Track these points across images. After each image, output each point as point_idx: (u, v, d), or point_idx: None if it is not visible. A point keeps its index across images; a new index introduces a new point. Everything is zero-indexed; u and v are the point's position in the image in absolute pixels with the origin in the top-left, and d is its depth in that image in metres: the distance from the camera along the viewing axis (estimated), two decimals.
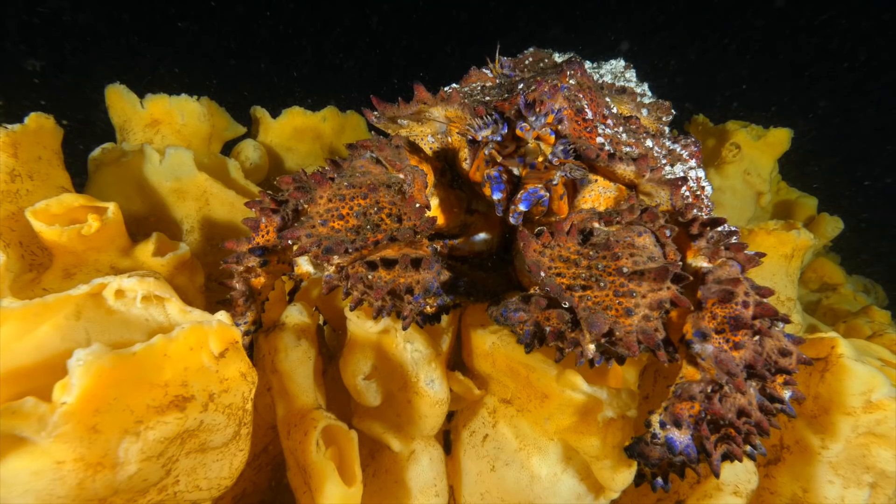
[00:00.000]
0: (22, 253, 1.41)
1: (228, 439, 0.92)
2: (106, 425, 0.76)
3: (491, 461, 1.09)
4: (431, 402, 1.07)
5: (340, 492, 1.01)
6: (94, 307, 1.05)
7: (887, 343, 2.18)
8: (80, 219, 1.38)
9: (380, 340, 1.09)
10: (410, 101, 1.26)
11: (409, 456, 1.10)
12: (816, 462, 1.31)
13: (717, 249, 1.00)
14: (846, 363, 1.30)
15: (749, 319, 0.94)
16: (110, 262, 1.41)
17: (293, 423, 1.13)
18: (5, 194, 1.36)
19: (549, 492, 1.04)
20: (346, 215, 1.02)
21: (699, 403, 0.95)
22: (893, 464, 1.27)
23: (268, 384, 1.21)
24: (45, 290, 1.35)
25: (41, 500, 0.76)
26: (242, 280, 1.19)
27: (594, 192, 1.12)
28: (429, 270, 0.99)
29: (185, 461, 0.88)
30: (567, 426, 1.03)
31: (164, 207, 1.72)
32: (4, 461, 0.74)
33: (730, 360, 0.92)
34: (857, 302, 3.24)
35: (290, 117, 2.09)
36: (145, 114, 1.90)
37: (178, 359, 0.84)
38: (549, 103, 1.07)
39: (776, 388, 1.04)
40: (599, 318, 0.88)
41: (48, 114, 1.49)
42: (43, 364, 1.02)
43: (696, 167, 1.32)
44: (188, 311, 1.04)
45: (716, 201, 2.81)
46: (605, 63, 2.21)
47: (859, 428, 1.28)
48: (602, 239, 0.96)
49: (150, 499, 0.88)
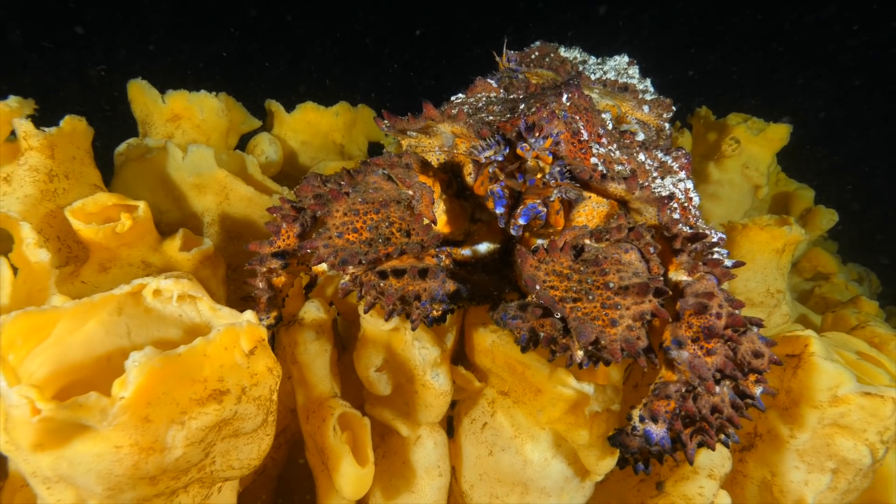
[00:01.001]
0: (59, 247, 1.53)
1: (257, 426, 1.05)
2: (156, 416, 0.89)
3: (489, 446, 1.22)
4: (436, 393, 1.20)
5: (355, 472, 1.14)
6: (134, 304, 1.17)
7: (868, 335, 2.28)
8: (114, 216, 1.50)
9: (390, 338, 1.21)
10: (419, 116, 1.35)
11: (416, 440, 1.23)
12: (785, 449, 1.44)
13: (696, 264, 1.11)
14: (816, 361, 1.42)
15: (721, 329, 1.05)
16: (141, 256, 1.53)
17: (312, 409, 1.26)
18: (44, 193, 1.47)
19: (541, 475, 1.17)
20: (360, 228, 1.13)
21: (675, 402, 1.07)
22: (854, 452, 1.40)
23: (288, 373, 1.34)
24: (83, 283, 1.48)
25: (102, 477, 0.89)
26: (265, 279, 1.31)
27: (588, 207, 1.22)
28: (435, 280, 1.10)
29: (220, 445, 1.01)
30: (557, 417, 1.15)
31: (185, 201, 1.83)
32: (72, 444, 0.87)
33: (702, 365, 1.04)
34: (848, 291, 3.34)
35: (303, 112, 2.17)
36: (166, 109, 1.99)
37: (215, 358, 0.96)
38: (548, 127, 1.16)
39: (748, 385, 1.16)
40: (587, 327, 0.99)
41: (77, 115, 1.60)
42: (90, 355, 1.15)
43: (685, 178, 1.41)
44: (217, 308, 1.16)
45: (714, 194, 2.90)
46: (609, 59, 2.28)
47: (825, 420, 1.40)
48: (592, 255, 1.07)
49: (191, 476, 1.01)
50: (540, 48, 2.39)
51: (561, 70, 2.20)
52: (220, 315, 1.15)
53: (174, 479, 0.97)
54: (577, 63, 2.27)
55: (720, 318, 1.06)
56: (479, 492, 1.23)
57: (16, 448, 0.88)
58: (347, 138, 2.25)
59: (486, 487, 1.22)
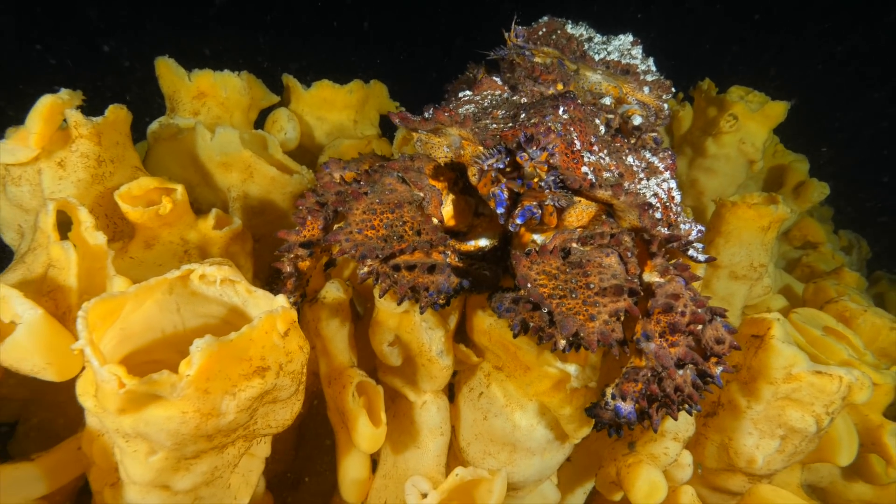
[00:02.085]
0: (108, 224, 1.71)
1: (291, 394, 1.26)
2: (214, 389, 1.10)
3: (484, 412, 1.43)
4: (440, 367, 1.40)
5: (370, 431, 1.36)
6: (182, 286, 1.36)
7: (840, 309, 2.48)
8: (155, 198, 1.67)
9: (401, 319, 1.41)
10: (430, 118, 1.49)
11: (422, 405, 1.45)
12: (742, 418, 1.66)
13: (668, 268, 1.29)
14: (775, 343, 1.61)
15: (684, 326, 1.23)
16: (180, 233, 1.71)
17: (333, 377, 1.48)
18: (94, 177, 1.64)
19: (527, 437, 1.39)
20: (377, 226, 1.30)
21: (642, 384, 1.27)
22: (801, 422, 1.62)
23: (312, 343, 1.55)
24: (131, 258, 1.67)
25: (170, 435, 1.11)
26: (292, 263, 1.49)
27: (578, 209, 1.38)
28: (441, 274, 1.28)
29: (262, 410, 1.23)
30: (543, 391, 1.36)
31: (213, 177, 1.99)
32: (148, 410, 1.08)
33: (666, 355, 1.23)
34: (833, 261, 3.51)
35: (319, 89, 2.29)
36: (192, 87, 2.12)
37: (258, 341, 1.15)
38: (544, 140, 1.31)
39: (710, 366, 1.35)
40: (570, 321, 1.18)
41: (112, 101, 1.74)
42: (148, 327, 1.35)
43: (668, 178, 1.56)
44: (252, 290, 1.35)
45: (710, 168, 3.03)
46: (614, 39, 2.36)
47: (778, 394, 1.61)
48: (577, 258, 1.24)
49: (238, 434, 1.23)
50: (547, 24, 2.47)
51: (566, 49, 2.29)
52: (255, 296, 1.34)
53: (225, 436, 1.19)
54: (583, 41, 2.36)
55: (684, 315, 1.24)
56: (475, 449, 1.45)
57: (104, 411, 1.09)
58: (360, 114, 2.38)
59: (481, 446, 1.45)
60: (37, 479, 1.38)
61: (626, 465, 1.58)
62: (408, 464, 1.44)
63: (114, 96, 2.20)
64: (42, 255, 1.46)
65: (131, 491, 1.22)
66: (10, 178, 1.61)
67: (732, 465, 1.69)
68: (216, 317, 1.41)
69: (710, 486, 1.80)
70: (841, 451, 1.85)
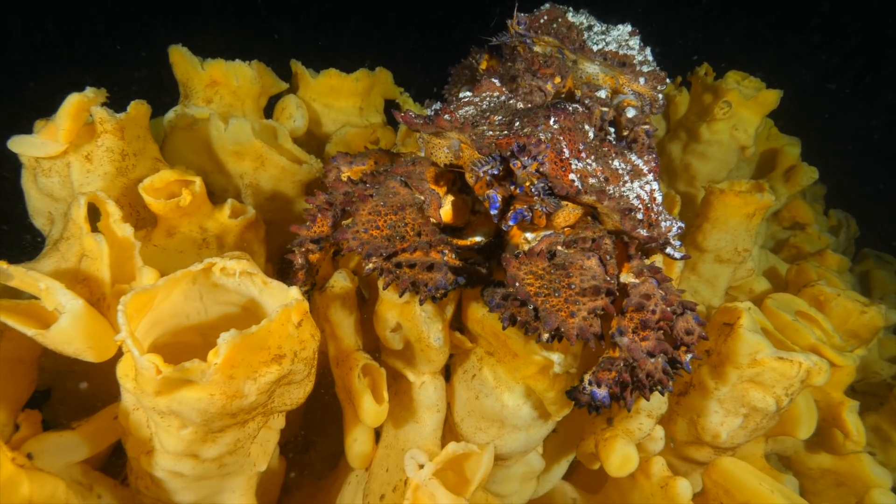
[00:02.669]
0: (131, 212, 1.84)
1: (304, 377, 1.42)
2: (238, 374, 1.25)
3: (476, 392, 1.60)
4: (437, 352, 1.56)
5: (374, 408, 1.53)
6: (205, 277, 1.50)
7: (815, 293, 2.63)
8: (175, 190, 1.80)
9: (403, 308, 1.56)
10: (431, 122, 1.60)
11: (421, 384, 1.61)
12: (710, 398, 1.83)
13: (642, 270, 1.43)
14: (742, 332, 1.76)
15: (654, 323, 1.38)
16: (198, 223, 1.85)
17: (341, 358, 1.64)
18: (119, 170, 1.76)
19: (514, 415, 1.56)
20: (381, 226, 1.44)
21: (615, 373, 1.42)
22: (763, 402, 1.78)
23: (321, 327, 1.70)
24: (154, 246, 1.81)
25: (200, 413, 1.27)
26: (303, 256, 1.63)
27: (566, 212, 1.51)
28: (439, 272, 1.42)
29: (278, 391, 1.39)
30: (529, 375, 1.52)
31: (226, 165, 2.12)
32: (180, 392, 1.24)
33: (637, 348, 1.38)
34: (819, 242, 3.64)
35: (327, 78, 2.38)
36: (205, 75, 2.21)
37: (275, 332, 1.30)
38: (535, 150, 1.43)
39: (680, 354, 1.51)
40: (552, 317, 1.33)
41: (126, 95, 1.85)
42: (174, 314, 1.50)
43: (651, 181, 1.68)
44: (268, 282, 1.49)
45: (703, 153, 3.13)
46: (613, 29, 2.44)
47: (743, 377, 1.77)
48: (561, 261, 1.38)
49: (258, 411, 1.40)
50: (549, 11, 2.54)
51: (566, 40, 2.37)
52: (270, 287, 1.48)
53: (247, 413, 1.36)
54: (583, 30, 2.44)
55: (654, 313, 1.39)
56: (468, 424, 1.63)
57: (142, 392, 1.25)
58: (366, 101, 2.47)
59: (473, 421, 1.62)
60: (78, 445, 1.55)
61: (603, 439, 1.76)
62: (407, 436, 1.61)
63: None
64: (75, 244, 1.60)
65: (165, 459, 1.40)
66: (40, 169, 1.74)
67: (700, 439, 1.87)
68: (235, 304, 1.56)
69: (681, 457, 1.99)
70: (801, 426, 2.03)
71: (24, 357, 1.61)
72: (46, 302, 1.39)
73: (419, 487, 1.35)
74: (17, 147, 1.67)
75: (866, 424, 2.79)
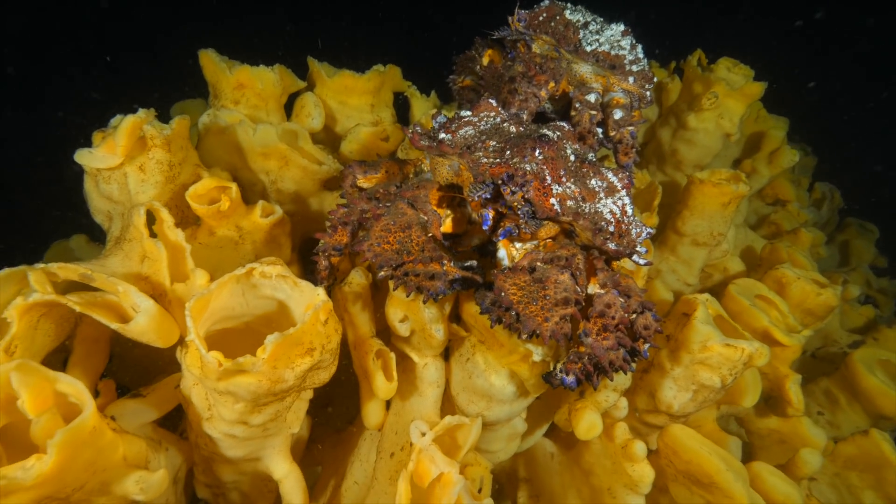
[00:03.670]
0: (177, 213, 2.14)
1: (329, 363, 1.76)
2: (279, 365, 1.59)
3: (469, 373, 1.95)
4: (437, 339, 1.90)
5: (385, 385, 1.89)
6: (247, 279, 1.82)
7: (778, 276, 2.93)
8: (215, 195, 2.09)
9: (409, 304, 1.88)
10: (436, 146, 1.87)
11: (424, 365, 1.96)
12: (666, 376, 2.17)
13: (606, 283, 1.73)
14: (695, 324, 2.08)
15: (613, 327, 1.70)
16: (235, 222, 2.15)
17: (358, 343, 1.98)
18: (167, 178, 2.05)
19: (500, 393, 1.91)
20: (391, 241, 1.74)
21: (581, 364, 1.76)
22: (710, 381, 2.12)
23: (340, 316, 2.04)
24: (199, 244, 2.12)
25: (250, 392, 1.62)
26: (326, 259, 1.95)
27: (547, 227, 1.80)
28: (440, 280, 1.73)
29: (310, 374, 1.74)
30: (513, 362, 1.86)
31: (254, 163, 2.40)
32: (235, 378, 1.58)
33: (599, 347, 1.71)
34: (798, 218, 3.91)
35: (342, 78, 2.61)
36: (233, 79, 2.46)
37: (308, 330, 1.63)
38: (521, 180, 1.71)
39: (639, 345, 1.84)
40: (531, 321, 1.65)
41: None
42: (222, 309, 1.83)
43: (624, 196, 1.95)
44: (298, 283, 1.81)
45: (690, 140, 3.36)
46: (607, 28, 2.65)
47: (694, 360, 2.11)
48: (539, 275, 1.69)
49: (294, 390, 1.75)
50: (548, 8, 2.74)
51: (563, 40, 2.60)
52: (300, 287, 1.80)
53: (286, 393, 1.71)
54: (580, 27, 2.65)
55: (614, 319, 1.70)
56: (462, 398, 1.99)
57: (206, 378, 1.60)
58: (377, 97, 2.71)
59: (466, 396, 1.98)
60: (148, 409, 1.93)
61: (575, 409, 2.12)
62: (413, 406, 1.98)
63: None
64: (137, 246, 1.92)
65: (221, 424, 1.77)
66: (101, 177, 2.03)
67: (657, 409, 2.23)
68: (271, 298, 1.88)
69: (642, 423, 2.37)
70: (746, 397, 2.39)
71: (99, 337, 1.96)
72: (123, 301, 1.72)
73: (422, 451, 1.72)
74: (82, 159, 1.96)
75: (819, 388, 3.17)
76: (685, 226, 3.01)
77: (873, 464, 2.51)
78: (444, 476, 1.68)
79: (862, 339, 3.49)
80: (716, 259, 3.22)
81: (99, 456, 1.53)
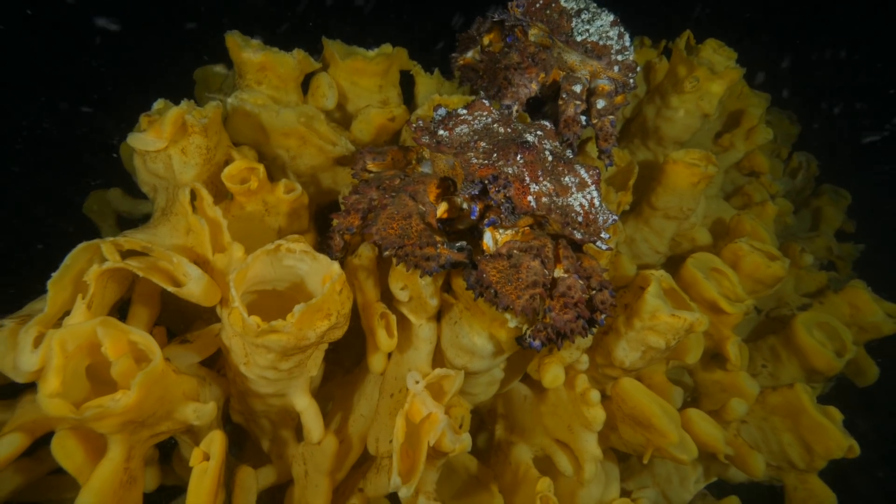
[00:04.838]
0: (212, 188, 2.50)
1: (343, 324, 2.18)
2: (305, 327, 2.01)
3: (456, 334, 2.37)
4: (431, 306, 2.32)
5: (387, 340, 2.32)
6: (274, 253, 2.21)
7: (734, 249, 3.31)
8: (246, 175, 2.44)
9: (409, 276, 2.28)
10: (435, 144, 2.20)
11: (419, 326, 2.39)
12: (620, 338, 2.60)
13: (570, 268, 2.12)
14: (647, 297, 2.48)
15: (573, 305, 2.10)
16: (262, 198, 2.51)
17: (365, 306, 2.40)
18: (205, 160, 2.39)
19: (481, 350, 2.34)
20: (395, 227, 2.11)
21: (545, 332, 2.17)
22: (656, 343, 2.54)
23: (351, 283, 2.44)
24: (232, 216, 2.49)
25: (280, 347, 2.04)
26: (340, 237, 2.33)
27: (525, 219, 2.18)
28: (434, 261, 2.12)
29: (327, 334, 2.16)
30: (492, 327, 2.29)
31: (276, 141, 2.72)
32: (269, 336, 2.00)
33: (560, 320, 2.11)
34: (770, 189, 4.24)
35: (354, 60, 2.88)
36: (256, 61, 2.74)
37: (328, 298, 2.04)
38: (503, 182, 2.06)
39: (597, 315, 2.26)
40: (505, 299, 2.05)
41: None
42: (254, 277, 2.23)
43: (593, 189, 2.30)
44: (317, 256, 2.20)
45: (671, 118, 3.64)
46: (598, 18, 2.92)
47: (644, 327, 2.53)
48: (515, 261, 2.07)
49: (314, 345, 2.18)
50: None
51: (556, 29, 2.88)
52: (319, 261, 2.20)
53: (308, 346, 2.14)
54: (572, 16, 2.92)
55: (573, 298, 2.11)
56: (450, 353, 2.42)
57: (245, 334, 2.02)
58: (385, 78, 2.98)
59: (454, 351, 2.42)
60: (194, 353, 2.37)
61: (543, 363, 2.57)
62: (409, 358, 2.42)
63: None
64: (182, 220, 2.29)
65: (255, 368, 2.21)
66: (148, 156, 2.37)
67: (612, 364, 2.68)
68: (294, 268, 2.28)
69: (601, 375, 2.83)
70: (689, 355, 2.84)
71: (152, 293, 2.38)
72: (176, 270, 2.12)
73: (415, 396, 2.17)
74: (134, 143, 2.30)
75: (766, 344, 3.64)
76: (658, 201, 3.36)
77: (793, 411, 3.00)
78: (432, 415, 2.14)
79: (810, 302, 3.92)
80: (685, 230, 3.59)
81: (166, 391, 1.98)
